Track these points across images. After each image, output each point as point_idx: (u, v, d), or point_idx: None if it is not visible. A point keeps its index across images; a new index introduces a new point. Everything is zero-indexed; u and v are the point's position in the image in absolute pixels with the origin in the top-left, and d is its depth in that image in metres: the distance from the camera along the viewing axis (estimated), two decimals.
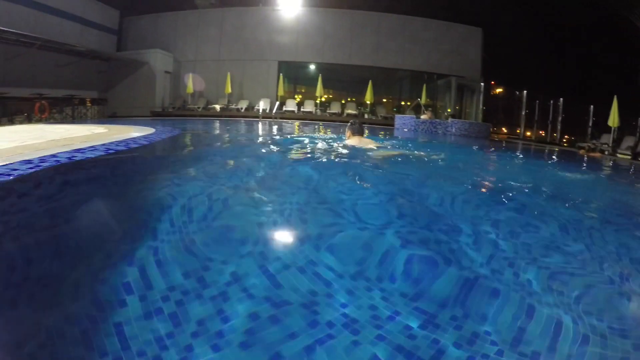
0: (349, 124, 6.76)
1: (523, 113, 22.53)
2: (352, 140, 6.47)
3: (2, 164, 5.40)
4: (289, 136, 11.26)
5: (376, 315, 1.82)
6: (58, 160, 5.78)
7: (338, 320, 1.76)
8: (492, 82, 25.48)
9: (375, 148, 6.39)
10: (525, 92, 22.36)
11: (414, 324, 1.76)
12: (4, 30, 15.34)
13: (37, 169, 5.15)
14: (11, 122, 16.60)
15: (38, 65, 18.71)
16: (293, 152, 6.93)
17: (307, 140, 8.08)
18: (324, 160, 5.72)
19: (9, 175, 4.76)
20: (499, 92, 27.14)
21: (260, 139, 11.34)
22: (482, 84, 23.40)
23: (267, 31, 23.65)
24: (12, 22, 16.76)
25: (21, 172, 4.86)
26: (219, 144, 10.30)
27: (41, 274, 2.50)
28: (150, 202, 4.17)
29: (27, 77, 18.21)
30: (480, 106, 23.78)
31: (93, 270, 2.46)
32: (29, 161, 5.66)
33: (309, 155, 6.37)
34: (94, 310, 2.04)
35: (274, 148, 7.91)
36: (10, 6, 17.54)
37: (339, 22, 23.61)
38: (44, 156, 6.13)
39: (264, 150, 7.74)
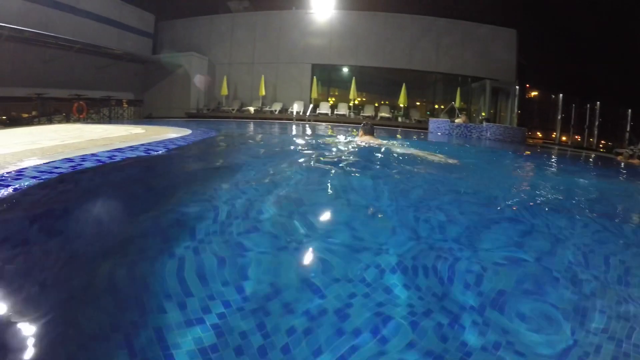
0: (361, 125, 8.28)
1: (559, 117, 22.06)
2: (364, 139, 7.87)
3: (44, 162, 5.44)
4: (319, 136, 12.19)
5: None
6: (99, 160, 5.78)
7: None
8: (527, 85, 25.09)
9: (381, 145, 7.89)
10: (561, 95, 21.94)
11: None
12: (43, 34, 15.91)
13: (79, 167, 5.18)
14: (50, 121, 17.16)
15: (76, 67, 19.20)
16: (325, 149, 7.98)
17: (331, 139, 9.77)
18: (348, 152, 7.14)
19: (51, 172, 4.80)
20: (534, 96, 26.70)
21: (293, 138, 11.97)
22: (516, 87, 23.01)
23: (300, 34, 23.72)
24: (52, 27, 17.42)
25: (62, 170, 4.88)
26: (256, 146, 10.35)
27: (85, 275, 2.49)
28: (195, 204, 4.15)
29: (65, 78, 18.65)
30: (515, 110, 23.39)
31: (142, 272, 2.46)
32: (70, 159, 5.69)
33: (336, 151, 7.41)
34: (136, 315, 2.01)
35: (307, 146, 8.81)
36: (50, 11, 18.10)
37: (372, 25, 23.50)
38: (85, 155, 6.18)
39: (299, 148, 8.61)
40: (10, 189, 4.00)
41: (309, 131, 14.61)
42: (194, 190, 4.68)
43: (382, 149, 7.51)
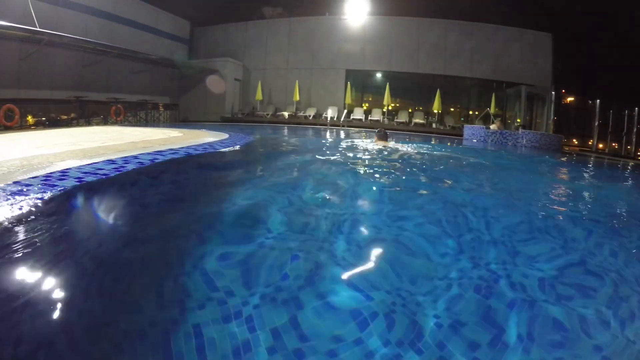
0: (376, 131, 10.78)
1: (596, 124, 21.39)
2: (378, 143, 10.18)
3: (87, 162, 5.48)
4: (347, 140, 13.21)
5: None
6: (141, 162, 5.82)
7: None
8: (563, 91, 24.45)
9: (392, 147, 10.19)
10: (598, 101, 21.31)
11: None
12: (81, 39, 16.38)
13: (122, 170, 5.19)
14: (88, 123, 17.73)
15: (114, 71, 19.76)
16: (351, 150, 9.60)
17: (353, 143, 11.48)
18: (369, 152, 9.23)
19: (95, 174, 4.82)
20: (570, 102, 26.03)
21: (325, 142, 12.92)
22: (552, 92, 22.44)
23: (334, 40, 23.76)
24: (90, 33, 17.97)
25: (106, 172, 4.90)
26: (294, 149, 10.53)
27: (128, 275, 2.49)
28: (235, 206, 4.15)
29: (103, 82, 19.27)
30: (551, 116, 22.81)
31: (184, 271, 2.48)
32: (112, 161, 5.73)
33: (360, 152, 9.33)
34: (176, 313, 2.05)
35: (337, 150, 9.89)
36: (88, 18, 18.71)
37: (406, 30, 23.31)
38: (127, 157, 6.23)
39: (330, 152, 9.62)
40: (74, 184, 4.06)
41: (341, 135, 14.66)
42: (236, 192, 4.68)
43: (396, 151, 9.81)
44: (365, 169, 7.20)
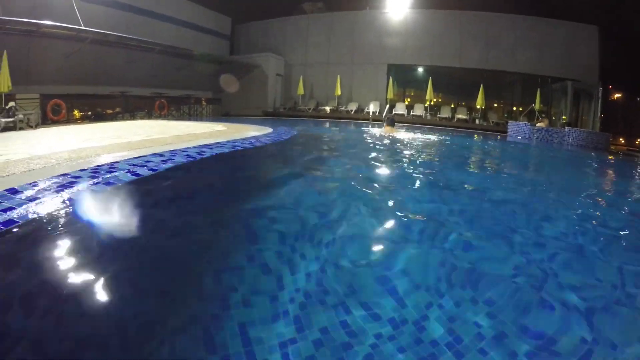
0: (386, 119, 13.34)
1: None
2: (387, 130, 12.54)
3: (135, 155, 5.51)
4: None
5: None
6: (189, 155, 5.84)
7: None
8: (610, 87, 23.50)
9: (398, 134, 12.66)
10: None
11: None
12: (125, 37, 16.90)
13: (170, 163, 5.19)
14: (133, 117, 18.43)
15: (157, 67, 20.22)
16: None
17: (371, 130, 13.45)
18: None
19: (143, 166, 4.81)
20: (618, 98, 25.00)
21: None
22: (599, 88, 21.53)
23: (375, 34, 23.63)
24: (133, 30, 18.68)
25: (154, 165, 4.89)
26: (338, 143, 10.52)
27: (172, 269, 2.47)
28: (284, 202, 4.10)
29: (147, 78, 19.84)
30: (598, 113, 21.94)
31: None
32: (160, 154, 5.75)
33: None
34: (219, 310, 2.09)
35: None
36: (132, 16, 19.48)
37: (447, 23, 22.92)
38: (175, 150, 6.25)
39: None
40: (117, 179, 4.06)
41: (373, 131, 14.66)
42: (288, 184, 4.65)
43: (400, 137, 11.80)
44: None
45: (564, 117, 21.99)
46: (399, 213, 3.72)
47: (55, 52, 15.17)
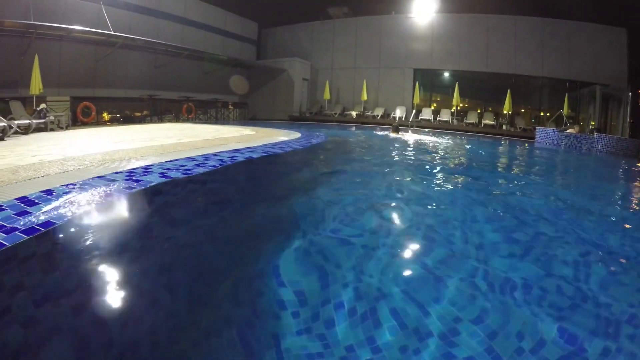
0: (391, 126, 16.04)
1: None
2: (393, 134, 14.86)
3: (167, 159, 5.55)
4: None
5: None
6: (221, 160, 5.85)
7: None
8: (639, 91, 22.81)
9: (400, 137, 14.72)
10: None
11: None
12: (153, 42, 17.40)
13: (203, 167, 5.19)
14: (160, 120, 18.93)
15: (185, 71, 20.87)
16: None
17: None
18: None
19: (177, 169, 4.82)
20: None
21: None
22: (629, 93, 20.87)
23: (401, 39, 23.53)
24: (162, 35, 19.28)
25: (188, 169, 4.91)
26: (365, 149, 10.46)
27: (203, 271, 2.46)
28: (318, 207, 4.06)
29: (175, 81, 20.37)
30: (627, 118, 21.29)
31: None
32: (192, 158, 5.78)
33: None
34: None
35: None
36: (160, 22, 19.88)
37: (474, 28, 22.57)
38: (207, 154, 6.28)
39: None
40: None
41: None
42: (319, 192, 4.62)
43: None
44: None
45: (592, 122, 21.49)
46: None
47: (86, 56, 15.81)
